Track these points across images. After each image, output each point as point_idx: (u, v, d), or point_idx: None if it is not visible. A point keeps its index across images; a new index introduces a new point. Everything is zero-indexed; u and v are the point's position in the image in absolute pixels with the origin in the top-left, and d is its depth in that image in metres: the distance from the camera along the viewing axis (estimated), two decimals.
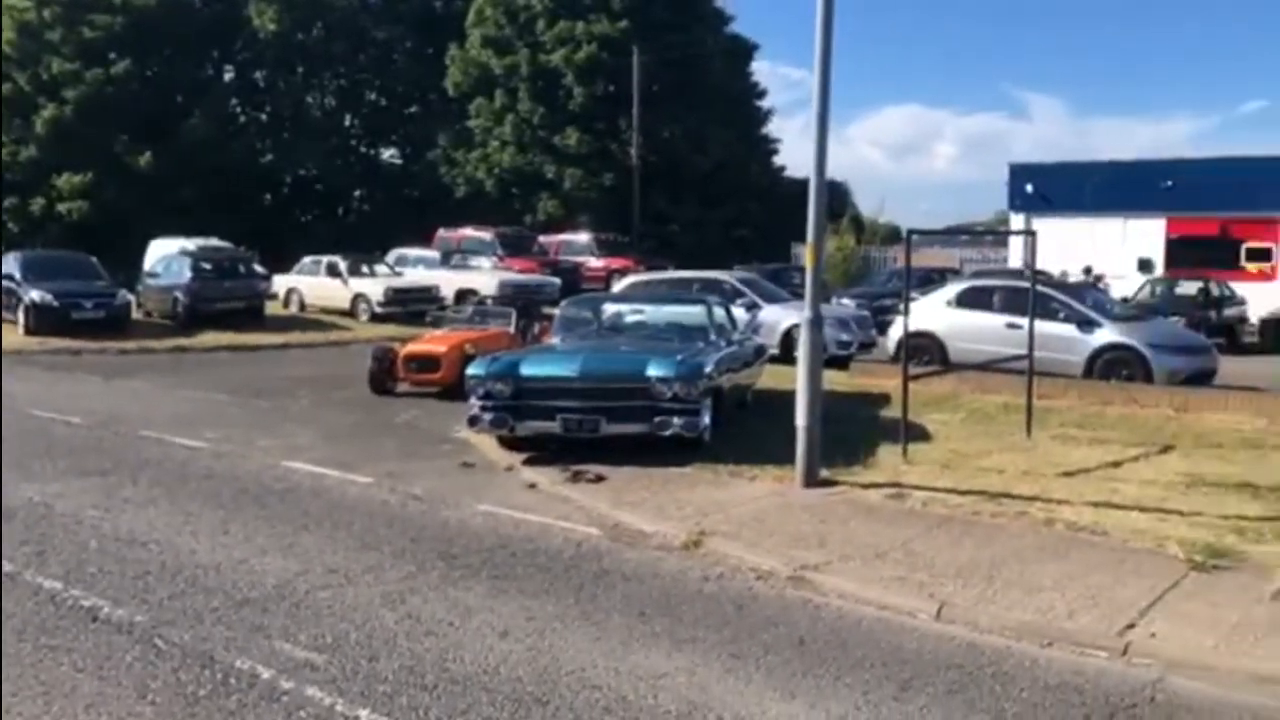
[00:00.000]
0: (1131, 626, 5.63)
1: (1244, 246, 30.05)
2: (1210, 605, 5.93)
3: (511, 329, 15.52)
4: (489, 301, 19.25)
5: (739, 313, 15.49)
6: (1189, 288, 25.24)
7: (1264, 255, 29.66)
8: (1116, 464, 9.87)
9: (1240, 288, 26.80)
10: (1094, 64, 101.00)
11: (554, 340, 11.98)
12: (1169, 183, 30.51)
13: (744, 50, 44.62)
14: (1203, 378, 14.81)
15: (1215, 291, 24.97)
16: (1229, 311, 24.42)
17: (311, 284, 26.39)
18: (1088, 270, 27.59)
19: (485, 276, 26.68)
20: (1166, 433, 11.51)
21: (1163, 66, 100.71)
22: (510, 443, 10.21)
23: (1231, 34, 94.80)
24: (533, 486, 8.98)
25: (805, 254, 8.95)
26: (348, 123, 49.04)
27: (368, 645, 5.35)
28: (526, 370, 9.90)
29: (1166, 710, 4.70)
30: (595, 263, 31.83)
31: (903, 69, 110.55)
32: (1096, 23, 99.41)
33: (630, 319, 12.80)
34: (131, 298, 22.69)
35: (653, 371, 9.65)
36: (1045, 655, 5.36)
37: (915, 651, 5.40)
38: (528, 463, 9.70)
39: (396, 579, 6.42)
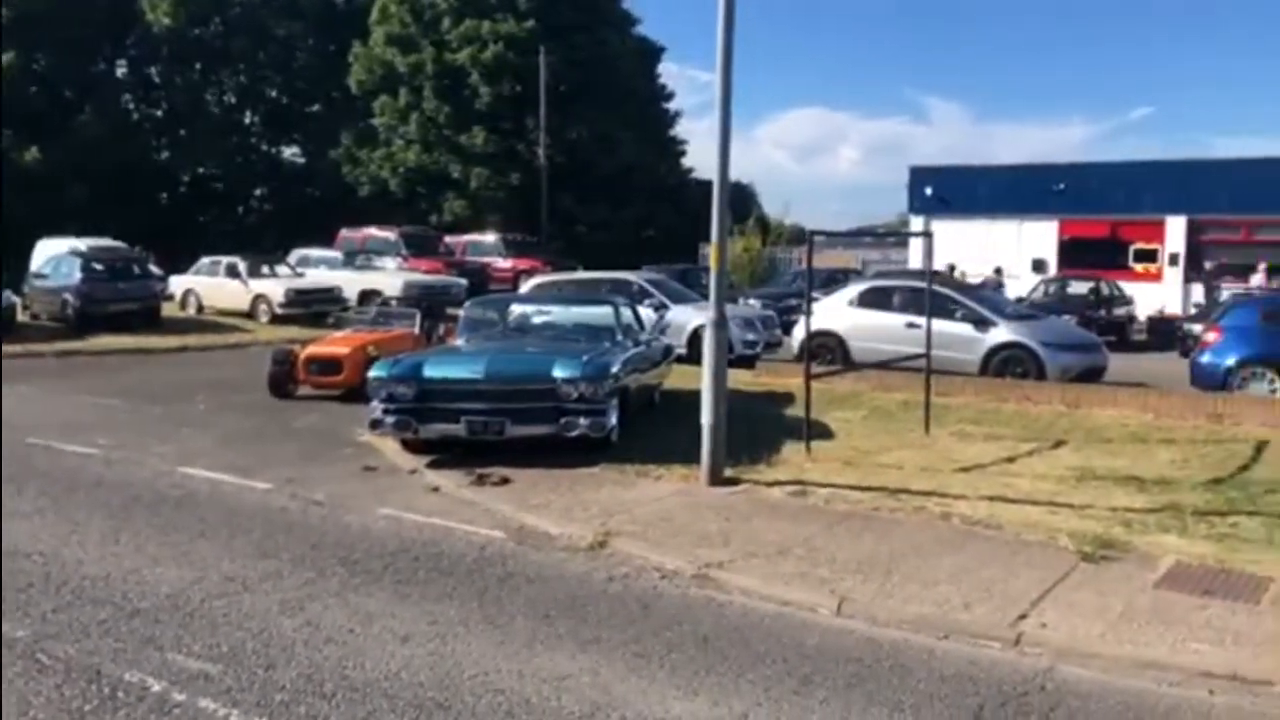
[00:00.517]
0: (1024, 617, 5.80)
1: (1132, 247, 31.18)
2: (1098, 595, 6.14)
3: (416, 330, 15.34)
4: (393, 302, 19.00)
5: (647, 313, 15.56)
6: (1080, 287, 26.08)
7: (1151, 256, 30.81)
8: (1011, 459, 10.15)
9: (1129, 287, 27.79)
10: (993, 70, 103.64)
11: (458, 341, 11.87)
12: (1061, 186, 31.54)
13: (651, 52, 44.80)
14: (1093, 374, 15.32)
15: (1105, 291, 25.85)
16: (1118, 310, 25.30)
17: (210, 285, 25.73)
18: (999, 270, 28.44)
19: (389, 277, 26.32)
20: (1059, 428, 11.87)
21: (1058, 74, 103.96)
22: (414, 446, 10.08)
23: (1121, 44, 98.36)
24: (436, 490, 8.89)
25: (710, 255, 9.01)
26: (248, 120, 47.92)
27: (265, 654, 5.23)
28: (430, 372, 9.80)
29: (1055, 697, 4.84)
30: (503, 263, 31.64)
31: (808, 73, 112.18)
32: (996, 30, 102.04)
33: (537, 320, 12.75)
34: (17, 300, 21.84)
35: (558, 372, 9.62)
36: (942, 647, 5.49)
37: (816, 646, 5.48)
38: (432, 466, 9.60)
39: (295, 586, 6.30)
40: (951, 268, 27.37)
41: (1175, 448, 10.82)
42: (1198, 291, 27.53)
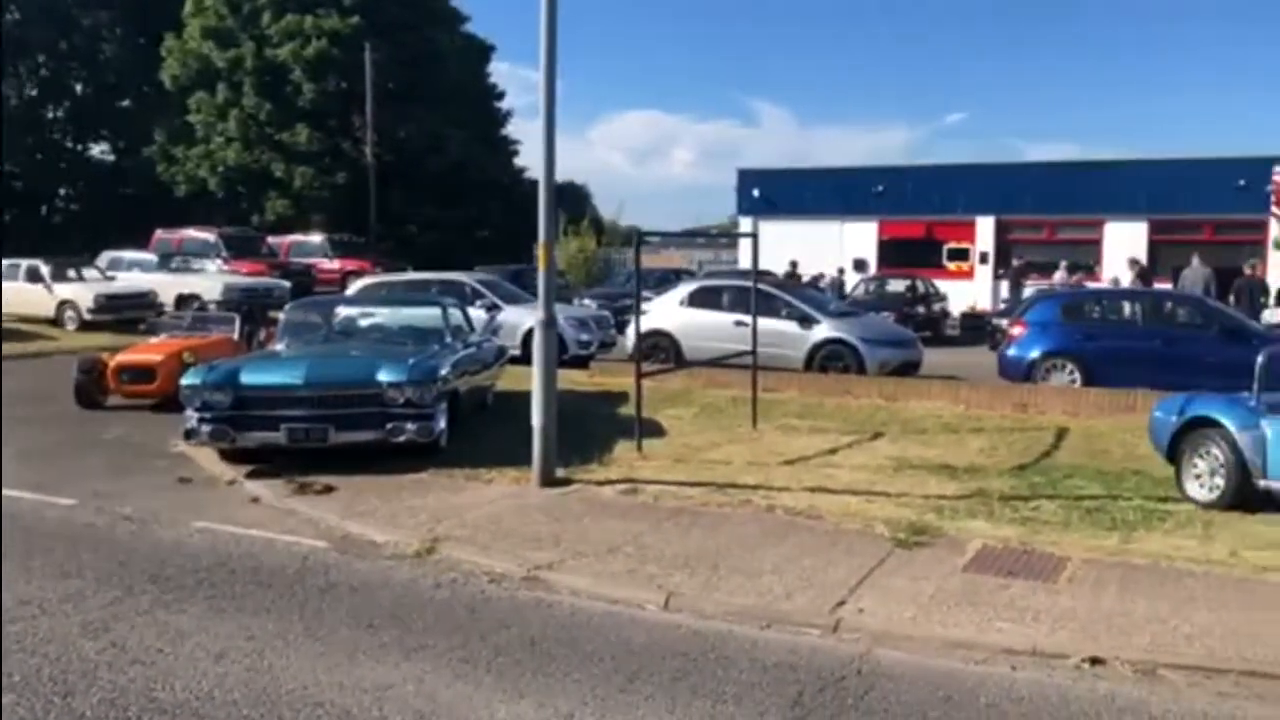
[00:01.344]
0: (842, 604, 5.99)
1: (946, 247, 32.73)
2: (911, 580, 6.40)
3: (235, 335, 14.74)
4: (211, 307, 18.19)
5: (478, 314, 15.40)
6: (899, 285, 27.21)
7: (963, 255, 32.40)
8: (833, 451, 10.49)
9: (943, 285, 29.17)
10: (818, 77, 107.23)
11: (278, 346, 11.46)
12: (880, 188, 32.83)
13: (481, 50, 44.35)
14: (909, 368, 16.01)
15: (921, 289, 27.04)
16: (934, 307, 26.50)
17: (9, 290, 24.05)
18: (841, 270, 29.48)
19: (208, 280, 25.21)
20: (877, 420, 12.35)
21: (879, 81, 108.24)
22: (232, 455, 9.69)
23: (937, 52, 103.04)
24: (256, 500, 8.56)
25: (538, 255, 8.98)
26: (51, 115, 45.13)
27: (63, 680, 4.92)
28: (247, 378, 9.43)
29: (870, 680, 5.02)
30: (329, 265, 30.81)
31: (643, 75, 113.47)
32: (820, 38, 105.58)
33: (363, 323, 12.44)
34: None
35: (384, 376, 9.41)
36: (764, 637, 5.61)
37: (644, 643, 5.52)
38: (251, 476, 9.23)
39: (100, 606, 5.95)
40: (794, 265, 28.12)
41: (985, 436, 11.40)
42: (1006, 288, 29.05)
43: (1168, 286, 23.27)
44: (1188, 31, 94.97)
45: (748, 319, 13.39)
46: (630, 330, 17.41)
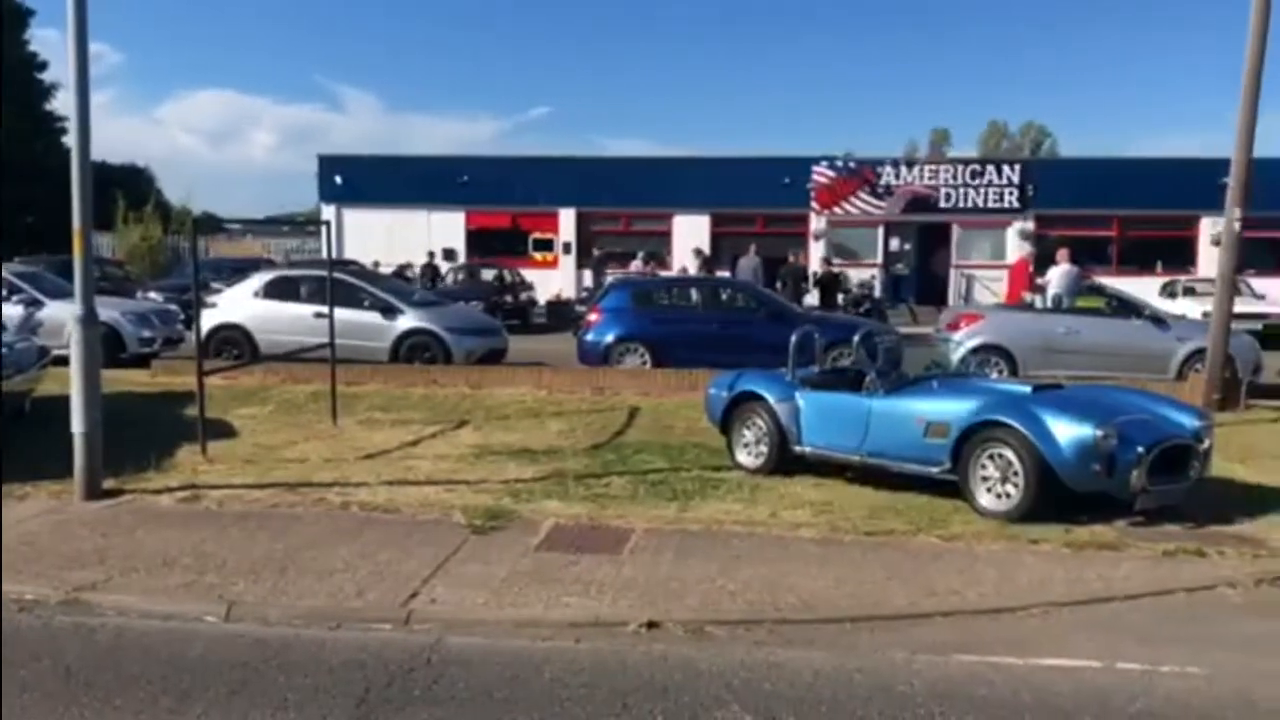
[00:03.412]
0: (415, 595, 5.94)
1: (531, 237, 33.63)
2: (484, 564, 6.47)
3: None
4: None
5: (13, 310, 13.70)
6: (487, 275, 27.60)
7: (548, 245, 33.45)
8: (415, 442, 10.41)
9: (530, 274, 29.97)
10: (405, 64, 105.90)
11: None
12: (465, 178, 33.06)
13: (17, 14, 39.45)
14: (495, 356, 16.27)
15: (509, 278, 27.60)
16: (521, 296, 27.15)
17: None
18: (447, 254, 29.45)
19: None
20: (463, 409, 12.42)
21: (467, 71, 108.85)
22: None
23: (523, 45, 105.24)
24: None
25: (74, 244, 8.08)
26: None
27: None
28: None
29: (440, 669, 5.00)
30: None
31: (216, 52, 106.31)
32: (406, 24, 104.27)
33: None
34: None
35: None
36: (333, 637, 5.43)
37: (199, 658, 5.14)
38: None
39: None
40: (376, 264, 27.59)
41: (564, 419, 11.82)
42: (589, 277, 30.39)
43: (728, 274, 25.39)
44: (744, 37, 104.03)
45: (327, 310, 12.95)
46: (201, 324, 16.32)
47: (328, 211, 32.55)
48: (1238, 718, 4.57)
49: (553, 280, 31.48)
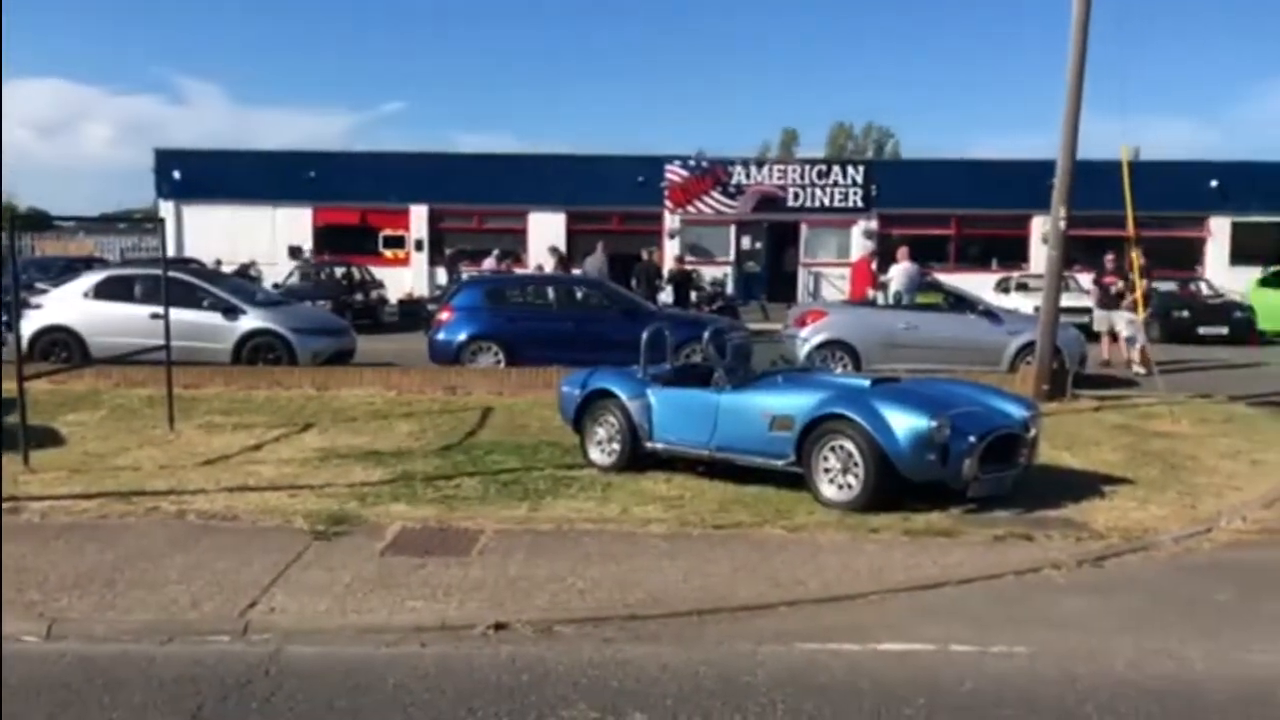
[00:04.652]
0: (253, 605, 5.75)
1: (382, 234, 32.96)
2: (327, 570, 6.31)
3: None
4: None
5: None
6: (336, 273, 26.94)
7: (399, 242, 32.84)
8: (258, 447, 10.08)
9: (380, 272, 29.39)
10: (252, 55, 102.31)
11: None
12: (313, 174, 32.18)
13: None
14: (343, 357, 15.88)
15: (358, 276, 26.99)
16: (371, 294, 26.58)
17: None
18: (294, 252, 28.96)
19: None
20: (308, 411, 12.08)
21: (319, 63, 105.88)
22: None
23: (374, 39, 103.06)
24: None
25: None
26: None
27: None
28: None
29: (278, 680, 4.85)
30: None
31: (43, 37, 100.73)
32: (252, 15, 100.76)
33: None
34: None
35: None
36: (165, 652, 5.20)
37: (18, 681, 4.85)
38: None
39: None
40: (218, 262, 26.59)
41: (414, 420, 11.62)
42: (442, 275, 29.94)
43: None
44: (603, 36, 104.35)
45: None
46: (24, 327, 15.44)
47: (166, 208, 31.21)
48: (1059, 693, 4.81)
49: (404, 278, 30.95)
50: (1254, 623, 5.77)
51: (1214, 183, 31.38)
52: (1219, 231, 31.90)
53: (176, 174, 32.16)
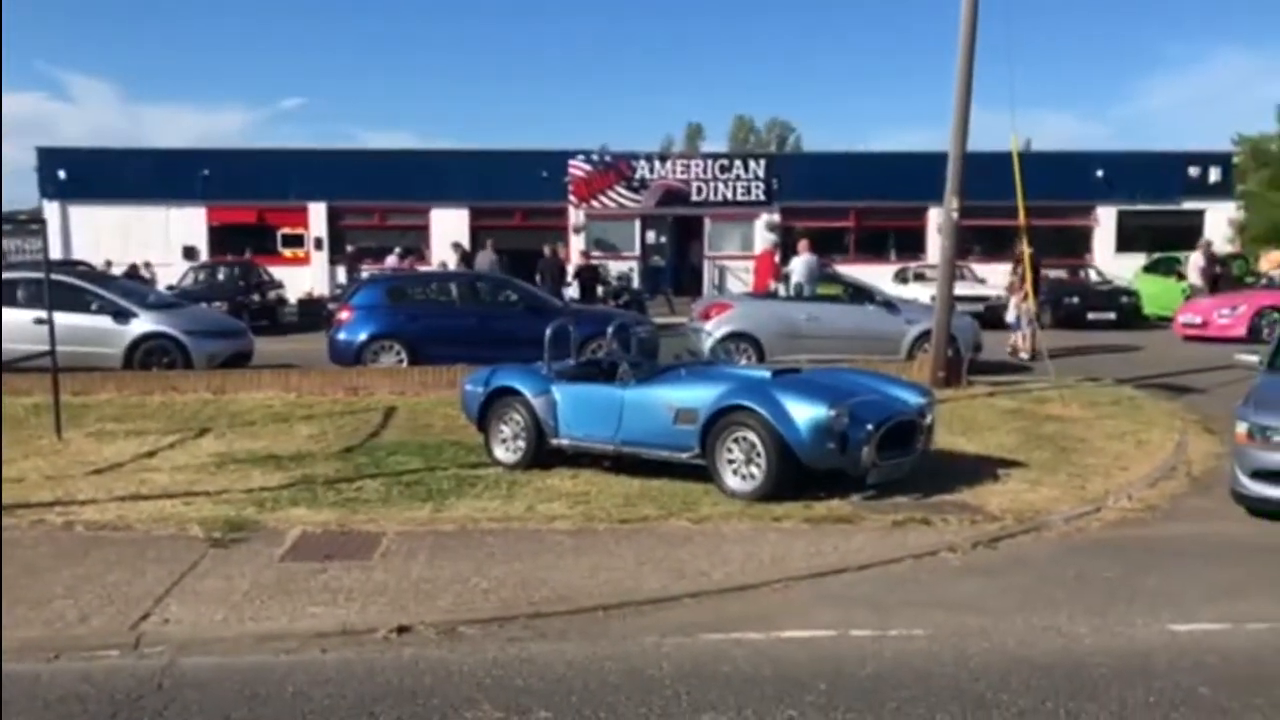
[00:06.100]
0: (146, 617, 5.59)
1: (280, 233, 32.25)
2: (225, 579, 6.16)
3: None
4: None
5: None
6: (232, 273, 26.29)
7: (298, 241, 32.18)
8: (151, 454, 9.79)
9: (279, 271, 28.76)
10: (142, 51, 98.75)
11: None
12: (207, 172, 31.34)
13: None
14: (240, 359, 15.50)
15: (255, 276, 26.36)
16: (269, 294, 25.98)
17: None
18: (188, 253, 28.00)
19: None
20: (204, 416, 11.77)
21: (212, 59, 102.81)
22: None
23: (273, 31, 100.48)
24: None
25: None
26: None
27: None
28: None
29: (172, 693, 4.72)
30: None
31: None
32: (144, 6, 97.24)
33: None
34: None
35: None
36: (51, 669, 5.02)
37: None
38: None
39: None
40: (108, 264, 25.72)
41: (315, 423, 11.41)
42: (342, 274, 29.42)
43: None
44: (506, 32, 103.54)
45: (44, 315, 11.98)
46: None
47: (51, 209, 30.06)
48: (954, 671, 4.94)
49: (303, 278, 30.31)
50: (1137, 597, 5.99)
51: (1100, 173, 32.46)
52: (1106, 220, 33.00)
53: (62, 173, 30.99)
